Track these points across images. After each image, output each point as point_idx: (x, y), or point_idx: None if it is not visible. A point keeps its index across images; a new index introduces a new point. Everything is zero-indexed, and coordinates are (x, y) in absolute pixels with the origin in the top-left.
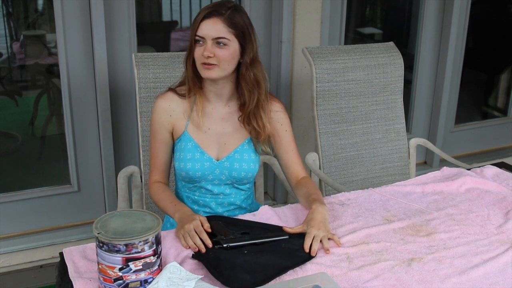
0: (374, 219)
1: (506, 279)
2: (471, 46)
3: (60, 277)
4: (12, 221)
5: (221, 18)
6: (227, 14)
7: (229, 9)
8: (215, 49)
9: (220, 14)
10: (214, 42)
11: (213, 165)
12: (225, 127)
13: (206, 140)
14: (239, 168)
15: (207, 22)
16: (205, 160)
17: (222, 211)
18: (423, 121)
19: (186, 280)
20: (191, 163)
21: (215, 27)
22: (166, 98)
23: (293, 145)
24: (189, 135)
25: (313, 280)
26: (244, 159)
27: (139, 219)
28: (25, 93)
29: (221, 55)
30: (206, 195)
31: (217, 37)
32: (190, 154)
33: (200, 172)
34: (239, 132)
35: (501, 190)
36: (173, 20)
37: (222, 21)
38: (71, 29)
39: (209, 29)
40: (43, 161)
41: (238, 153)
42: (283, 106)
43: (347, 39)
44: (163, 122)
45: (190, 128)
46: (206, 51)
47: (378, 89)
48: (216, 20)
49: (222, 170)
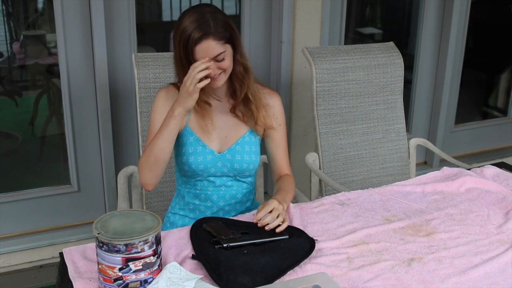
0: (374, 219)
1: (506, 279)
2: (471, 46)
3: (60, 277)
4: (12, 221)
5: (211, 37)
6: (213, 29)
7: (212, 20)
8: (217, 64)
9: (208, 34)
10: (213, 60)
11: (215, 158)
12: (225, 121)
13: (207, 133)
14: (241, 159)
15: (200, 47)
16: (207, 153)
17: (223, 205)
18: (423, 121)
19: (186, 280)
20: (193, 157)
21: (210, 49)
22: (169, 90)
23: (283, 142)
24: (190, 129)
25: (313, 280)
26: (246, 151)
27: (139, 219)
28: (25, 93)
29: (223, 65)
30: (208, 187)
31: (215, 56)
32: (192, 148)
33: (202, 165)
34: (239, 125)
35: (501, 190)
36: (173, 20)
37: (213, 39)
38: (71, 29)
39: (205, 52)
40: (43, 161)
41: (239, 145)
42: (280, 100)
43: (347, 39)
44: (167, 109)
45: (191, 122)
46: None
47: (378, 89)
48: (208, 42)
49: (224, 162)
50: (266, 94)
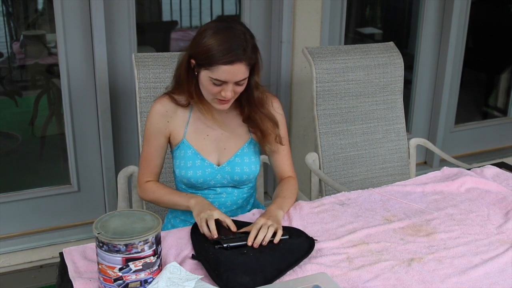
0: (374, 219)
1: (506, 279)
2: (471, 46)
3: (60, 277)
4: (12, 221)
5: (243, 62)
6: (247, 55)
7: (247, 45)
8: (234, 88)
9: (241, 58)
10: (234, 83)
11: (214, 171)
12: (223, 133)
13: (205, 146)
14: (241, 171)
15: (229, 68)
16: (206, 167)
17: (224, 211)
18: (423, 121)
19: (186, 280)
20: (192, 171)
21: (239, 73)
22: (164, 104)
23: (285, 142)
24: (188, 142)
25: (313, 280)
26: (245, 163)
27: (139, 219)
28: (25, 93)
29: (240, 89)
30: (209, 195)
31: (239, 80)
32: (191, 161)
33: (202, 179)
34: (238, 136)
35: (501, 190)
36: (173, 20)
37: (244, 64)
38: (71, 29)
39: (233, 75)
40: (43, 161)
41: (239, 157)
42: (279, 102)
43: (347, 39)
44: (161, 128)
45: (189, 135)
46: (227, 92)
47: (378, 89)
48: (240, 65)
49: (224, 174)
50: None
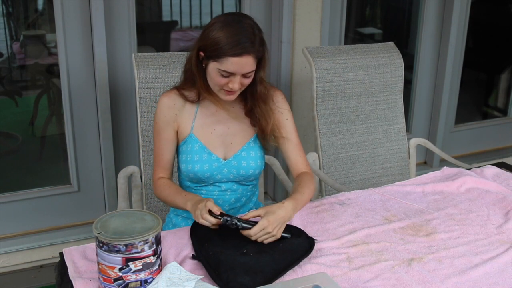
0: (374, 219)
1: (506, 279)
2: (471, 46)
3: (60, 277)
4: (12, 221)
5: (251, 54)
6: (255, 47)
7: (255, 38)
8: (241, 80)
9: (249, 50)
10: (242, 75)
11: (221, 165)
12: (230, 127)
13: (212, 140)
14: (247, 166)
15: (238, 60)
16: (213, 161)
17: (228, 208)
18: (423, 121)
19: (186, 280)
20: (199, 165)
21: (247, 65)
22: (172, 97)
23: (294, 136)
24: (195, 136)
25: (313, 280)
26: (251, 157)
27: (139, 219)
28: (25, 93)
29: (247, 81)
30: (214, 192)
31: (247, 72)
32: (198, 155)
33: (208, 173)
34: (244, 131)
35: (501, 190)
36: (173, 20)
37: (252, 57)
38: (71, 29)
39: (241, 67)
40: (43, 161)
41: (245, 151)
42: (282, 95)
43: (347, 39)
44: (169, 120)
45: (196, 129)
46: (234, 84)
47: (378, 89)
48: (248, 58)
49: (230, 169)
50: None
